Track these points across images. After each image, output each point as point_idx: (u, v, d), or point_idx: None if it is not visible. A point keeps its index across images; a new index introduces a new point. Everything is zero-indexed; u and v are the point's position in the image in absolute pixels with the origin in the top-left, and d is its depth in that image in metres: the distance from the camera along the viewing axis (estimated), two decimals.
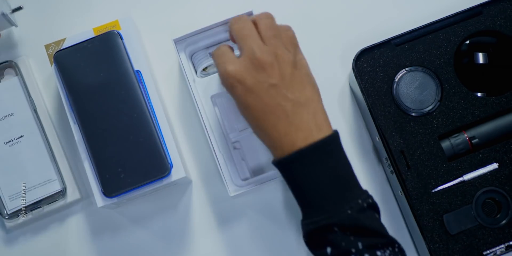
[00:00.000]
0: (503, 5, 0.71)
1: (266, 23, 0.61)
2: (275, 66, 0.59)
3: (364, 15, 0.77)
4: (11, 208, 0.72)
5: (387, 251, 0.57)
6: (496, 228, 0.68)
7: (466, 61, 0.72)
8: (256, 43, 0.59)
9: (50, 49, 0.71)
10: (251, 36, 0.60)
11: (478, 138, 0.70)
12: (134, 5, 0.78)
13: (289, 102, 0.58)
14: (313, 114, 0.59)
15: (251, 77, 0.58)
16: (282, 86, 0.58)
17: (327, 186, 0.57)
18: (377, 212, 0.60)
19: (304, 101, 0.59)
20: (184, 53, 0.72)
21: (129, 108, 0.68)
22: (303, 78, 0.60)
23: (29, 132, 0.73)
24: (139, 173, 0.67)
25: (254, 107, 0.59)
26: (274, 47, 0.60)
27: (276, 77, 0.58)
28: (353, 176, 0.60)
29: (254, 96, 0.58)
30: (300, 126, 0.58)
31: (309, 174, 0.58)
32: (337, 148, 0.59)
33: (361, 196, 0.58)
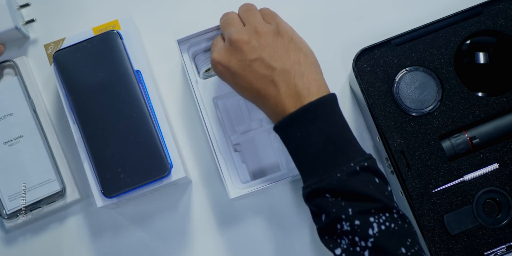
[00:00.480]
0: (503, 5, 0.71)
1: (244, 8, 0.65)
2: (254, 41, 0.61)
3: (364, 15, 0.77)
4: (11, 208, 0.72)
5: (383, 217, 0.55)
6: (497, 228, 0.68)
7: (467, 61, 0.72)
8: (235, 26, 0.62)
9: (50, 48, 0.71)
10: (231, 23, 0.63)
11: (479, 138, 0.69)
12: (134, 5, 0.77)
13: (274, 71, 0.60)
14: (300, 77, 0.59)
15: (233, 59, 0.61)
16: (266, 57, 0.60)
17: (319, 149, 0.57)
18: (378, 176, 0.57)
19: (289, 66, 0.60)
20: (187, 53, 0.72)
21: (129, 108, 0.68)
22: (287, 44, 0.61)
23: (28, 132, 0.73)
24: (139, 173, 0.67)
25: (245, 87, 0.61)
26: (253, 24, 0.62)
27: (257, 52, 0.60)
28: (350, 138, 0.59)
29: (241, 77, 0.61)
30: (288, 92, 0.59)
31: (301, 137, 0.58)
32: (329, 110, 0.59)
33: (356, 159, 0.57)
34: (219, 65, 0.62)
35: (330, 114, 0.59)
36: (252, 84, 0.61)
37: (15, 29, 0.73)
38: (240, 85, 0.62)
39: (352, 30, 0.76)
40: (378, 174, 0.58)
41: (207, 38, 0.71)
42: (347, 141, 0.58)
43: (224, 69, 0.62)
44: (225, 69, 0.62)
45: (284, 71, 0.59)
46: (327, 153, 0.57)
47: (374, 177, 0.57)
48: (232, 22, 0.63)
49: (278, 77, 0.59)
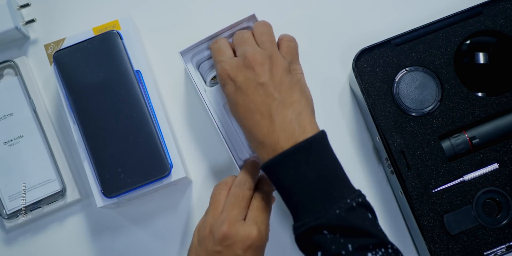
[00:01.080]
0: (503, 5, 0.71)
1: (261, 30, 0.64)
2: (266, 66, 0.60)
3: (364, 15, 0.77)
4: (11, 208, 0.72)
5: (379, 252, 0.56)
6: (497, 228, 0.68)
7: (467, 61, 0.72)
8: (251, 46, 0.62)
9: (50, 49, 0.71)
10: (247, 42, 0.63)
11: (479, 138, 0.69)
12: (134, 5, 0.77)
13: (274, 101, 0.59)
14: (297, 115, 0.59)
15: (241, 75, 0.61)
16: (271, 85, 0.60)
17: (314, 187, 0.57)
18: (370, 211, 0.59)
19: (290, 102, 0.59)
20: (191, 63, 0.71)
21: (129, 108, 0.68)
22: (294, 83, 0.61)
23: (28, 132, 0.73)
24: (139, 173, 0.67)
25: (241, 105, 0.60)
26: (269, 50, 0.62)
27: (265, 76, 0.60)
28: (342, 175, 0.59)
29: (242, 94, 0.60)
30: (283, 126, 0.58)
31: (294, 175, 0.57)
32: (322, 148, 0.59)
33: (350, 195, 0.57)
34: (227, 76, 0.61)
35: (324, 151, 0.59)
36: (251, 105, 0.60)
37: (15, 29, 0.73)
38: (238, 100, 0.61)
39: (352, 30, 0.76)
40: (371, 210, 0.59)
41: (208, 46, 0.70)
42: (340, 178, 0.59)
43: (230, 81, 0.61)
44: (231, 81, 0.61)
45: (284, 104, 0.59)
46: (323, 190, 0.57)
47: (367, 213, 0.58)
48: (248, 42, 0.63)
49: (277, 108, 0.59)
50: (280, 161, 0.58)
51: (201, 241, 0.61)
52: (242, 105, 0.60)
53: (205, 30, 0.71)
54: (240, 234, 0.59)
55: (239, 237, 0.59)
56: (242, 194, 0.62)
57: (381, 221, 0.72)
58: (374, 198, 0.74)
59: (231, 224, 0.59)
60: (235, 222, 0.60)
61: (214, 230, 0.60)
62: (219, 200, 0.63)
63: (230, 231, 0.59)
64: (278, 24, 0.74)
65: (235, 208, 0.61)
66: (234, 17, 0.69)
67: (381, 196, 0.74)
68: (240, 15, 0.69)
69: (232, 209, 0.61)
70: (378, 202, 0.74)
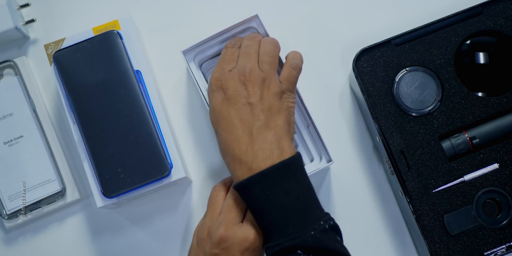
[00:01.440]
0: (503, 5, 0.71)
1: (266, 49, 0.64)
2: (258, 88, 0.61)
3: (364, 15, 0.77)
4: (11, 208, 0.72)
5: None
6: (497, 228, 0.68)
7: (467, 61, 0.72)
8: (251, 62, 0.62)
9: (50, 49, 0.71)
10: (250, 56, 0.63)
11: (479, 138, 0.69)
12: (134, 5, 0.77)
13: (259, 122, 0.59)
14: (278, 138, 0.59)
15: (233, 88, 0.61)
16: (259, 106, 0.60)
17: (289, 208, 0.57)
18: (339, 234, 0.59)
19: (273, 126, 0.60)
20: (193, 62, 0.71)
21: (129, 108, 0.68)
22: (282, 110, 0.61)
23: (28, 132, 0.73)
24: (139, 173, 0.67)
25: (226, 117, 0.60)
26: (265, 73, 0.62)
27: (255, 98, 0.60)
28: (315, 197, 0.59)
29: (229, 106, 0.60)
30: (263, 146, 0.58)
31: (270, 195, 0.57)
32: (298, 170, 0.59)
33: (323, 217, 0.58)
34: (220, 85, 0.62)
35: (300, 173, 0.59)
36: (235, 120, 0.60)
37: (15, 29, 0.73)
38: (223, 111, 0.61)
39: (352, 30, 0.76)
40: (339, 232, 0.59)
41: (211, 44, 0.71)
42: (313, 200, 0.59)
43: (221, 90, 0.62)
44: (222, 90, 0.62)
45: (267, 126, 0.59)
46: (298, 212, 0.57)
47: (336, 235, 0.59)
48: (251, 57, 0.63)
49: (259, 128, 0.59)
50: (257, 181, 0.58)
51: (199, 243, 0.62)
52: (226, 117, 0.60)
53: (205, 30, 0.71)
54: (237, 237, 0.59)
55: (236, 239, 0.59)
56: (239, 196, 0.62)
57: (381, 221, 0.73)
58: (374, 198, 0.74)
59: (228, 226, 0.60)
60: (233, 225, 0.60)
61: (212, 233, 0.60)
62: (217, 202, 0.63)
63: (227, 234, 0.59)
64: (279, 24, 0.75)
65: (233, 211, 0.61)
66: (234, 17, 0.69)
67: (381, 196, 0.74)
68: (240, 15, 0.69)
69: (230, 211, 0.61)
70: (378, 202, 0.74)
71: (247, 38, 0.65)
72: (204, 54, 0.71)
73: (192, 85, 0.76)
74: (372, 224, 0.73)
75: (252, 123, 0.59)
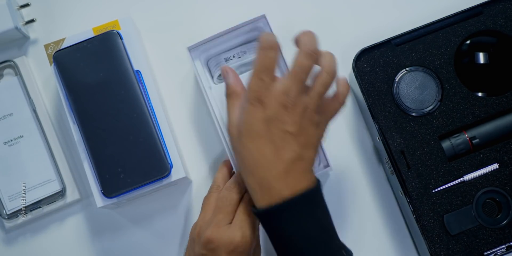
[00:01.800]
0: (503, 5, 0.71)
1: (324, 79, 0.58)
2: (298, 117, 0.57)
3: (364, 15, 0.77)
4: (11, 208, 0.72)
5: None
6: (497, 228, 0.68)
7: (467, 61, 0.72)
8: (298, 85, 0.57)
9: (50, 49, 0.71)
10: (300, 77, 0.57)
11: (479, 138, 0.69)
12: (134, 5, 0.77)
13: (293, 153, 0.57)
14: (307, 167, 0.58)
15: (275, 109, 0.56)
16: (296, 138, 0.57)
17: (316, 237, 0.56)
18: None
19: (306, 157, 0.58)
20: (198, 59, 0.71)
21: (128, 108, 0.68)
22: (316, 141, 0.59)
23: (28, 132, 0.73)
24: (139, 173, 0.67)
25: (262, 137, 0.56)
26: (311, 101, 0.58)
27: (295, 127, 0.57)
28: (333, 225, 0.59)
29: (267, 127, 0.56)
30: (294, 175, 0.57)
31: (300, 224, 0.56)
32: (322, 197, 0.59)
33: (344, 247, 0.59)
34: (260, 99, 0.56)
35: (322, 200, 0.59)
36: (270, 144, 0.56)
37: (15, 29, 0.73)
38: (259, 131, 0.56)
39: (352, 30, 0.76)
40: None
41: (218, 42, 0.71)
42: (333, 228, 0.59)
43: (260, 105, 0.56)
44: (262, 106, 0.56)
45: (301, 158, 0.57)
46: (324, 241, 0.57)
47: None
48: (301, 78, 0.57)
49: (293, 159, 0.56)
50: (287, 209, 0.56)
51: (191, 242, 0.62)
52: (263, 137, 0.56)
53: (205, 30, 0.71)
54: (224, 239, 0.59)
55: (223, 241, 0.59)
56: (230, 197, 0.62)
57: (381, 221, 0.73)
58: (374, 198, 0.74)
59: (216, 228, 0.60)
60: (220, 226, 0.60)
61: (201, 233, 0.61)
62: (210, 203, 0.64)
63: (213, 236, 0.59)
64: (278, 24, 0.74)
65: (221, 212, 0.61)
66: (234, 17, 0.69)
67: (381, 196, 0.74)
68: (241, 14, 0.69)
69: (219, 213, 0.61)
70: (378, 202, 0.74)
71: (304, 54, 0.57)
72: (211, 52, 0.71)
73: (192, 85, 0.76)
74: (372, 224, 0.73)
75: (288, 150, 0.56)
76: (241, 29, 0.70)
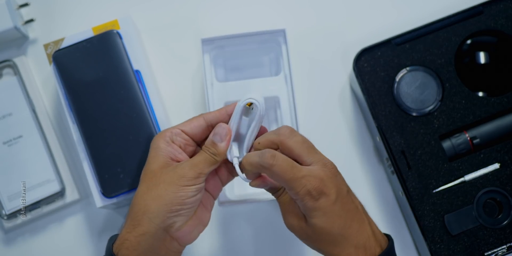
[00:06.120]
0: (504, 5, 0.71)
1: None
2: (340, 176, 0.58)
3: (364, 15, 0.77)
4: (10, 208, 0.71)
5: None
6: (498, 228, 0.68)
7: (467, 60, 0.72)
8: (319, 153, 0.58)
9: (49, 48, 0.71)
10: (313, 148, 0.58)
11: (479, 138, 0.69)
12: (134, 5, 0.77)
13: (357, 209, 0.57)
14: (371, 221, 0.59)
15: (333, 185, 0.56)
16: (351, 190, 0.58)
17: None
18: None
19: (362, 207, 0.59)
20: (208, 54, 0.71)
21: (128, 108, 0.68)
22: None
23: (27, 132, 0.73)
24: (138, 173, 0.67)
25: (340, 216, 0.56)
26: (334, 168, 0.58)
27: (345, 184, 0.57)
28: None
29: (339, 204, 0.56)
30: (374, 229, 0.58)
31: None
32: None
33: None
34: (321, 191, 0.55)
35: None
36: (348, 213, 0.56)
37: (14, 29, 0.73)
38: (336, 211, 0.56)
39: (352, 30, 0.76)
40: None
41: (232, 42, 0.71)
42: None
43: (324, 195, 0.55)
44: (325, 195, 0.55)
45: (362, 209, 0.58)
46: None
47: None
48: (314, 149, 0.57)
49: (364, 213, 0.58)
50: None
51: None
52: (342, 215, 0.56)
53: (205, 30, 0.71)
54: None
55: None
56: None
57: (381, 221, 0.73)
58: (375, 198, 0.73)
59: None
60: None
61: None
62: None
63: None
64: (278, 24, 0.74)
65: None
66: (234, 16, 0.69)
67: (382, 196, 0.74)
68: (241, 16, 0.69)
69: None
70: (378, 202, 0.73)
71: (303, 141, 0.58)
72: (221, 50, 0.72)
73: (192, 85, 0.76)
74: None
75: (358, 209, 0.57)
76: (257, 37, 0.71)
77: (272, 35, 0.71)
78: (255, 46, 0.72)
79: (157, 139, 0.59)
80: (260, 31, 0.70)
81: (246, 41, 0.72)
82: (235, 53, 0.72)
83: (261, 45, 0.72)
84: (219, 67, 0.73)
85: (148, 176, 0.58)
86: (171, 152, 0.58)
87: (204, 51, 0.71)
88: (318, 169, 0.55)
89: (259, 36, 0.71)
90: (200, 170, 0.57)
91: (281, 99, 0.70)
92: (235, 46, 0.72)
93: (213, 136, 0.58)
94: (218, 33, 0.71)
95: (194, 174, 0.57)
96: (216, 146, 0.58)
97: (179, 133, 0.59)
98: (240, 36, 0.71)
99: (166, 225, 0.56)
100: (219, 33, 0.71)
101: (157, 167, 0.58)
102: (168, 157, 0.58)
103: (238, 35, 0.70)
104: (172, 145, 0.59)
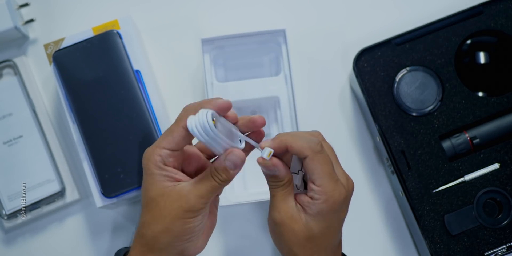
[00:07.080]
0: (504, 5, 0.71)
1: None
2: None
3: (364, 15, 0.77)
4: (10, 208, 0.71)
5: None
6: (497, 228, 0.68)
7: (467, 60, 0.72)
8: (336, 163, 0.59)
9: (49, 48, 0.71)
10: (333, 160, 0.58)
11: (479, 138, 0.69)
12: (134, 5, 0.77)
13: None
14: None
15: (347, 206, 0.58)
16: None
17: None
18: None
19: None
20: (208, 54, 0.71)
21: (128, 108, 0.68)
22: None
23: (28, 132, 0.73)
24: (138, 173, 0.67)
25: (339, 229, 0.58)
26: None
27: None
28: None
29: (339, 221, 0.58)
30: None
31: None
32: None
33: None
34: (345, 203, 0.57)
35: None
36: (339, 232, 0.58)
37: (15, 29, 0.73)
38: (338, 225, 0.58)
39: (353, 30, 0.76)
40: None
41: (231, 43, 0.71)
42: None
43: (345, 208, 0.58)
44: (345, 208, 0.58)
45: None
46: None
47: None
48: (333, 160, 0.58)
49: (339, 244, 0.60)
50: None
51: None
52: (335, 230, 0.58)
53: (205, 30, 0.71)
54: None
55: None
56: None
57: (381, 221, 0.73)
58: (375, 198, 0.73)
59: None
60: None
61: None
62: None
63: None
64: (278, 24, 0.74)
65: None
66: (234, 16, 0.69)
67: (382, 196, 0.74)
68: (241, 16, 0.69)
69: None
70: (378, 202, 0.73)
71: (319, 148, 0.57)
72: (221, 50, 0.72)
73: (192, 85, 0.76)
74: (372, 224, 0.73)
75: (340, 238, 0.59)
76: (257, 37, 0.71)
77: (272, 35, 0.71)
78: (255, 46, 0.72)
79: (148, 164, 0.56)
80: (260, 31, 0.70)
81: (246, 41, 0.72)
82: (235, 53, 0.73)
83: (261, 45, 0.72)
84: (219, 67, 0.73)
85: (150, 205, 0.56)
86: (167, 175, 0.56)
87: (204, 51, 0.71)
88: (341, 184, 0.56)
89: (259, 36, 0.71)
90: (207, 200, 0.55)
91: (281, 99, 0.70)
92: (235, 46, 0.72)
93: (226, 162, 0.54)
94: (218, 33, 0.71)
95: (201, 205, 0.55)
96: (228, 173, 0.55)
97: (169, 154, 0.55)
98: (240, 36, 0.71)
99: (178, 251, 0.56)
100: (219, 33, 0.71)
101: (156, 194, 0.55)
102: (165, 181, 0.56)
103: (238, 35, 0.71)
104: (166, 168, 0.56)
